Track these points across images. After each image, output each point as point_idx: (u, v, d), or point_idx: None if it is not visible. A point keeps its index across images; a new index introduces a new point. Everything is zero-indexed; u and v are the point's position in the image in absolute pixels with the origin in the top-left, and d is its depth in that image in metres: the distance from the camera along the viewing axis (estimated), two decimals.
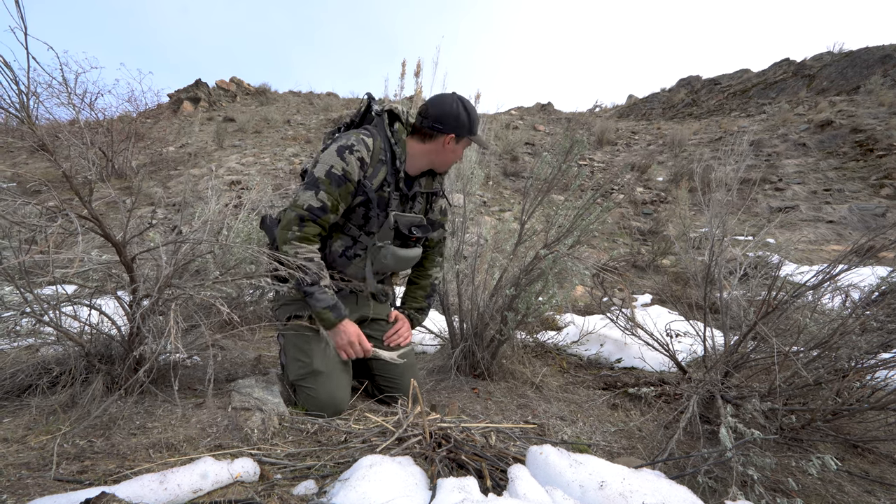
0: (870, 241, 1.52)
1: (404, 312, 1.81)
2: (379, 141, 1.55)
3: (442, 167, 1.65)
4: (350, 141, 1.49)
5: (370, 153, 1.51)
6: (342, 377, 1.53)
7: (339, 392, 1.49)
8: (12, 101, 1.03)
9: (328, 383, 1.47)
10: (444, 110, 1.54)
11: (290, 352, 1.54)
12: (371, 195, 1.52)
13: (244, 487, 0.94)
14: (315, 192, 1.45)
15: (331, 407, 1.45)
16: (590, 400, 1.83)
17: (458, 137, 1.57)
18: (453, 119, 1.54)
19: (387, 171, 1.55)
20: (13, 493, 0.84)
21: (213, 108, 12.01)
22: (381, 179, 1.54)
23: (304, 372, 1.48)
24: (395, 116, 1.62)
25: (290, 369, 1.52)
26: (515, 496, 0.85)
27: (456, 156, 1.62)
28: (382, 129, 1.58)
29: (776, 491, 1.18)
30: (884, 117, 7.77)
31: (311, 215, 1.45)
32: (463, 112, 1.55)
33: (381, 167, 1.54)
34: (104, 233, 1.19)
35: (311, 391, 1.46)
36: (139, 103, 7.81)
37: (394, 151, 1.56)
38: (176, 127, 10.09)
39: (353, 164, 1.47)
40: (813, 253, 4.89)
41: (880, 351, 1.42)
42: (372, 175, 1.53)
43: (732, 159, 2.87)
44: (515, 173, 8.01)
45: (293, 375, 1.51)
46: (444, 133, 1.55)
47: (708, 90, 13.95)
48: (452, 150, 1.59)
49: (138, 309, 1.22)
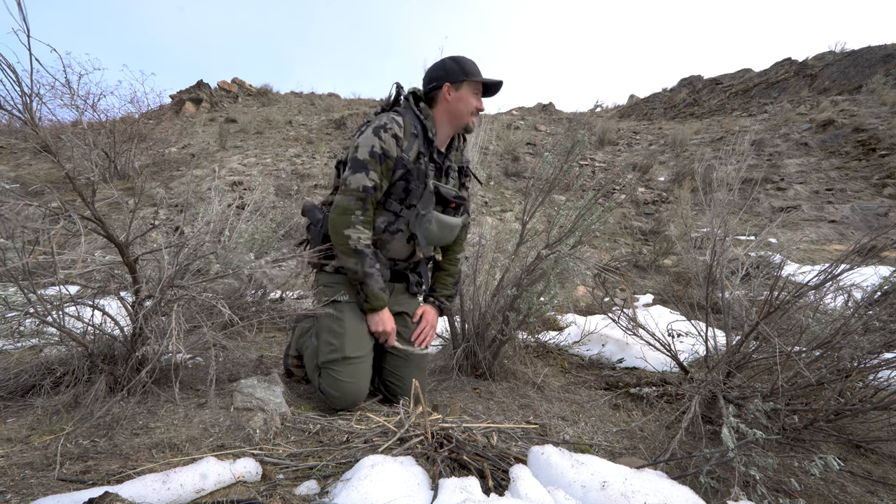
0: (872, 241, 1.52)
1: (434, 302, 1.83)
2: (409, 118, 1.61)
3: (460, 122, 1.67)
4: (383, 121, 1.56)
5: (402, 129, 1.58)
6: (367, 367, 1.59)
7: (363, 381, 1.54)
8: (15, 103, 1.04)
9: (355, 371, 1.52)
10: (432, 68, 1.67)
11: (324, 335, 1.58)
12: (410, 167, 1.58)
13: (246, 487, 0.94)
14: (365, 173, 1.52)
15: (352, 395, 1.50)
16: (591, 400, 1.83)
17: (454, 82, 1.62)
18: (441, 70, 1.64)
19: (420, 144, 1.61)
20: (17, 493, 0.84)
21: (214, 109, 12.03)
22: (417, 152, 1.61)
23: (335, 356, 1.52)
24: (418, 97, 1.70)
25: (321, 351, 1.56)
26: (517, 496, 0.85)
27: (465, 103, 1.64)
28: (410, 108, 1.65)
29: (778, 491, 1.18)
30: (886, 117, 7.75)
31: (368, 195, 1.53)
32: (449, 61, 1.64)
33: (414, 141, 1.61)
34: (107, 234, 1.19)
35: (339, 375, 1.49)
36: (141, 104, 7.84)
37: (424, 125, 1.63)
38: (178, 128, 10.11)
39: (389, 141, 1.54)
40: (815, 253, 4.88)
41: (883, 351, 1.42)
42: (407, 149, 1.59)
43: (734, 159, 2.87)
44: (517, 173, 8.01)
45: (323, 357, 1.54)
46: (440, 86, 1.63)
47: (709, 90, 13.92)
48: (458, 99, 1.63)
49: (141, 309, 1.22)
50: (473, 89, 1.64)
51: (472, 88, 1.64)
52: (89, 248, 1.26)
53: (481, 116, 10.22)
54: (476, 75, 1.63)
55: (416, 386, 1.13)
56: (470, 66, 1.64)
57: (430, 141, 1.63)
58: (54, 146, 1.06)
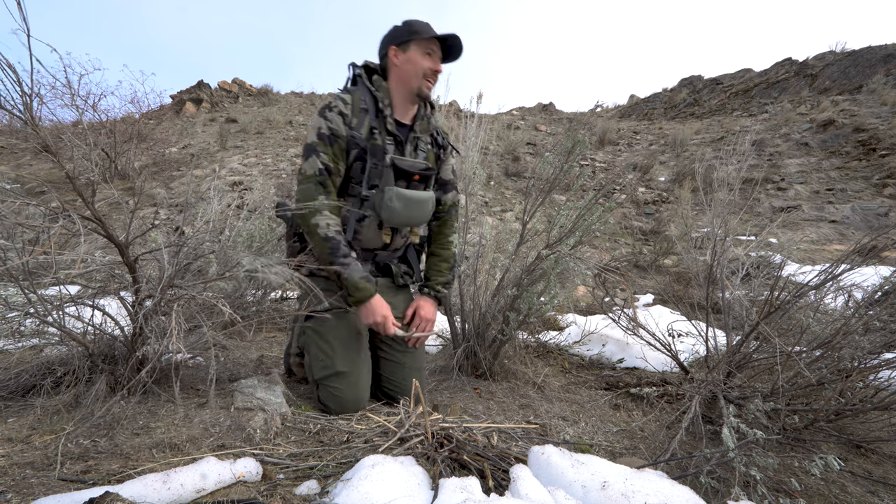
0: (872, 241, 1.52)
1: (429, 293, 1.70)
2: (358, 94, 1.52)
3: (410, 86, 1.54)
4: (328, 101, 1.50)
5: (349, 106, 1.50)
6: (364, 375, 1.54)
7: (362, 391, 1.51)
8: (16, 103, 1.04)
9: (352, 384, 1.48)
10: (383, 37, 1.57)
11: (313, 351, 1.53)
12: (364, 144, 1.50)
13: (247, 487, 0.94)
14: (316, 156, 1.45)
15: (353, 405, 1.47)
16: (592, 400, 1.83)
17: (400, 44, 1.52)
18: (388, 35, 1.55)
19: (370, 118, 1.52)
20: (18, 493, 0.85)
21: (215, 109, 12.04)
22: (369, 127, 1.51)
23: (328, 372, 1.48)
24: (371, 70, 1.61)
25: (313, 368, 1.52)
26: (517, 496, 0.85)
27: (412, 65, 1.51)
28: (363, 84, 1.56)
29: (779, 491, 1.18)
30: (886, 116, 7.74)
31: (325, 176, 1.45)
32: (397, 25, 1.54)
33: (364, 116, 1.51)
34: (107, 234, 1.19)
35: (336, 391, 1.46)
36: (142, 104, 7.85)
37: (374, 97, 1.54)
38: (178, 128, 10.11)
39: (335, 119, 1.47)
40: (815, 253, 4.88)
41: (883, 351, 1.42)
42: (358, 126, 1.50)
43: (734, 159, 2.87)
44: (517, 173, 8.01)
45: (317, 374, 1.51)
46: (387, 52, 1.54)
47: (710, 90, 13.92)
48: (406, 61, 1.52)
49: (141, 309, 1.22)
50: (423, 49, 1.51)
51: (422, 48, 1.50)
52: (89, 248, 1.26)
53: (483, 117, 10.17)
54: (423, 33, 1.49)
55: (417, 386, 1.13)
56: (418, 26, 1.51)
57: (381, 112, 1.52)
58: (55, 146, 1.06)
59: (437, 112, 1.75)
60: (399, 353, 1.66)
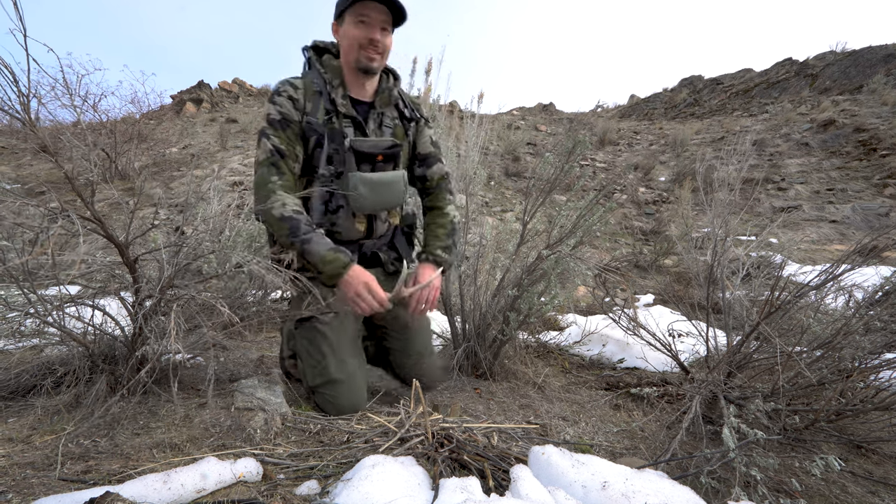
0: (873, 241, 1.52)
1: (428, 258, 1.57)
2: (310, 77, 1.46)
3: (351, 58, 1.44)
4: (277, 86, 1.43)
5: (299, 90, 1.43)
6: (360, 379, 1.49)
7: (359, 396, 1.47)
8: (13, 104, 1.04)
9: (347, 390, 1.44)
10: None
11: (305, 358, 1.49)
12: (321, 130, 1.42)
13: (247, 487, 0.94)
14: (267, 140, 1.38)
15: (350, 410, 1.44)
16: (592, 400, 1.82)
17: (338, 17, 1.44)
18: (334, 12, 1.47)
19: (325, 101, 1.44)
20: (18, 493, 0.84)
21: (215, 109, 12.04)
22: (324, 111, 1.44)
23: (321, 380, 1.44)
24: (321, 49, 1.52)
25: (307, 376, 1.49)
26: (518, 496, 0.85)
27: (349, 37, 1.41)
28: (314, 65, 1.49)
29: (779, 492, 1.18)
30: (887, 116, 7.74)
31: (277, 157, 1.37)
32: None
33: (318, 99, 1.44)
34: (107, 234, 1.19)
35: (332, 398, 1.43)
36: (142, 105, 7.85)
37: (323, 77, 1.46)
38: (179, 128, 10.12)
39: (284, 103, 1.40)
40: (816, 253, 4.87)
41: (884, 351, 1.42)
42: (313, 110, 1.42)
43: (735, 159, 2.87)
44: (517, 173, 8.01)
45: (311, 382, 1.47)
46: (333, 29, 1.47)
47: (710, 90, 13.92)
48: (343, 35, 1.43)
49: (141, 309, 1.23)
50: (356, 17, 1.39)
51: (354, 17, 1.40)
52: (89, 248, 1.26)
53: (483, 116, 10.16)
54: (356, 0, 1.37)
55: (417, 386, 1.13)
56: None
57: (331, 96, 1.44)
58: (53, 147, 1.06)
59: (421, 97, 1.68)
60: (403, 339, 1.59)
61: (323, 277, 1.35)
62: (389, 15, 1.42)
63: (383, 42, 1.44)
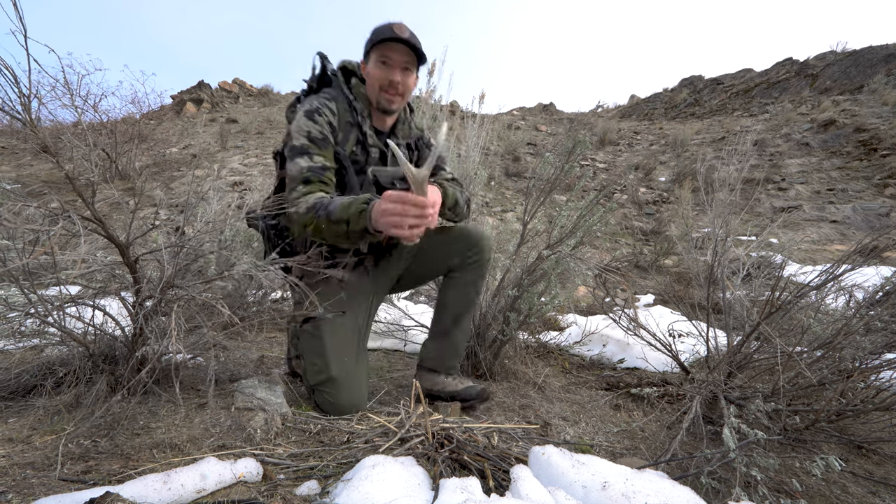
0: (874, 241, 1.52)
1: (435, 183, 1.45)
2: (342, 102, 1.45)
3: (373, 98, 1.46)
4: (316, 104, 1.41)
5: (336, 117, 1.42)
6: (360, 378, 1.50)
7: (358, 395, 1.47)
8: (13, 105, 1.04)
9: (348, 389, 1.44)
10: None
11: (307, 356, 1.50)
12: (346, 162, 1.42)
13: (247, 488, 0.94)
14: (309, 157, 1.36)
15: (350, 409, 1.44)
16: (592, 400, 1.82)
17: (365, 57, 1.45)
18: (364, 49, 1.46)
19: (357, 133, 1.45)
20: (18, 493, 0.85)
21: (215, 110, 12.05)
22: (353, 144, 1.45)
23: (322, 378, 1.44)
24: (349, 72, 1.51)
25: (308, 374, 1.49)
26: (518, 496, 0.85)
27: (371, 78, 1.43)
28: (339, 88, 1.48)
29: (780, 492, 1.18)
30: (887, 116, 7.74)
31: (314, 174, 1.34)
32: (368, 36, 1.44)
33: (349, 130, 1.44)
34: (107, 234, 1.19)
35: (331, 396, 1.43)
36: (142, 105, 7.86)
37: (355, 109, 1.46)
38: (179, 128, 10.13)
39: (324, 126, 1.40)
40: (816, 253, 4.87)
41: (885, 351, 1.42)
42: (343, 141, 1.43)
43: (735, 159, 2.87)
44: (517, 174, 8.01)
45: (311, 380, 1.47)
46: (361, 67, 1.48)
47: (710, 90, 13.91)
48: (368, 74, 1.44)
49: (141, 310, 1.23)
50: (378, 58, 1.40)
51: (377, 57, 1.40)
52: (90, 248, 1.26)
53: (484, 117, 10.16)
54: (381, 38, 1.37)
55: (417, 386, 1.13)
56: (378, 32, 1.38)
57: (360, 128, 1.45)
58: (54, 147, 1.06)
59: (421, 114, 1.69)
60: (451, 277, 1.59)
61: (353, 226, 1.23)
62: (412, 55, 1.42)
63: (404, 83, 1.44)
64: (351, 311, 1.53)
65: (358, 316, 1.57)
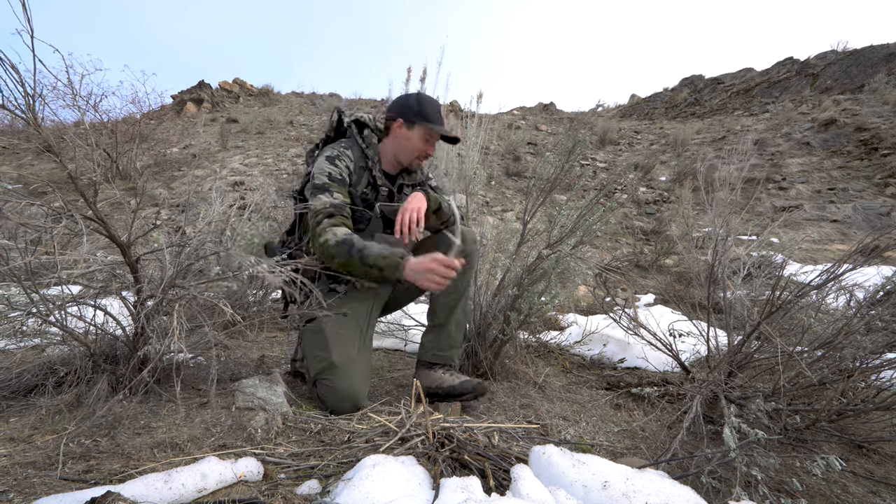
0: (875, 241, 1.51)
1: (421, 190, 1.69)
2: (356, 150, 1.67)
3: (403, 157, 1.69)
4: (336, 151, 1.62)
5: (353, 163, 1.64)
6: (361, 369, 1.55)
7: (358, 383, 1.48)
8: (18, 104, 1.04)
9: (347, 376, 1.48)
10: (397, 101, 1.69)
11: (309, 349, 1.56)
12: (356, 200, 1.65)
13: (248, 487, 0.94)
14: (330, 194, 1.54)
15: (349, 399, 1.45)
16: (593, 400, 1.82)
17: (407, 122, 1.63)
18: (401, 105, 1.66)
19: (367, 176, 1.67)
20: (20, 492, 0.85)
21: (216, 110, 12.05)
22: (364, 185, 1.67)
23: (323, 366, 1.49)
24: (361, 124, 1.73)
25: (310, 366, 1.54)
26: (518, 496, 0.85)
27: (411, 144, 1.65)
28: (353, 138, 1.70)
29: (780, 491, 1.18)
30: (888, 116, 7.73)
31: (336, 209, 1.53)
32: (413, 100, 1.65)
33: (363, 174, 1.67)
34: (109, 234, 1.20)
35: (330, 383, 1.46)
36: (143, 105, 7.86)
37: (367, 155, 1.68)
38: (179, 128, 10.13)
39: (343, 170, 1.60)
40: (817, 252, 4.87)
41: (885, 351, 1.42)
42: (356, 182, 1.65)
43: (736, 158, 2.87)
44: (518, 173, 8.01)
45: (313, 371, 1.52)
46: (394, 120, 1.65)
47: (711, 89, 13.90)
48: (406, 137, 1.65)
49: (143, 309, 1.23)
50: (425, 134, 1.64)
51: (424, 133, 1.63)
52: (91, 247, 1.26)
53: (483, 116, 10.17)
54: (430, 121, 1.62)
55: (417, 385, 1.13)
56: (428, 110, 1.63)
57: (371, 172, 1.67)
58: (57, 146, 1.07)
59: None
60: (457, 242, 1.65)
61: (386, 273, 1.43)
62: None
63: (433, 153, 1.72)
64: (352, 311, 1.61)
65: (359, 317, 1.64)
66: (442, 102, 3.33)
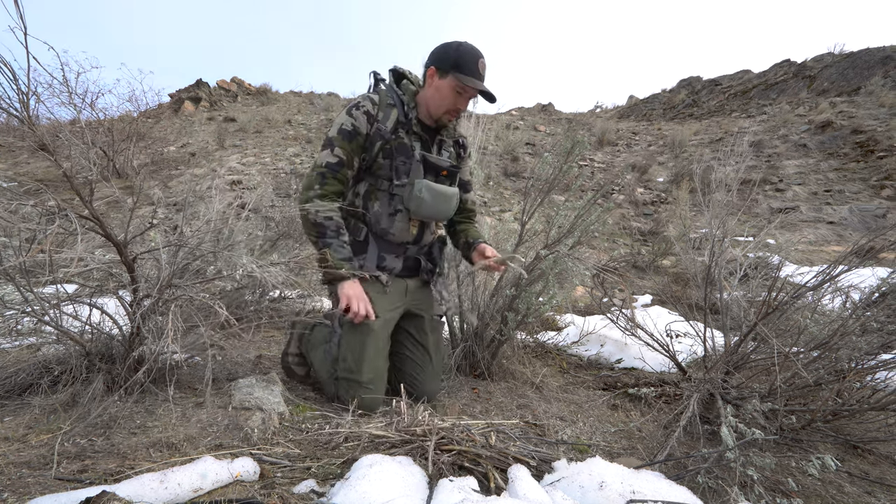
0: (870, 242, 1.52)
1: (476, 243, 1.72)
2: (385, 94, 1.59)
3: (433, 109, 1.59)
4: (356, 101, 1.57)
5: (376, 105, 1.55)
6: (384, 382, 1.56)
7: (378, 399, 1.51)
8: (12, 102, 1.03)
9: (374, 391, 1.49)
10: (436, 48, 1.57)
11: (344, 349, 1.52)
12: (388, 137, 1.55)
13: (244, 487, 0.94)
14: (331, 150, 1.53)
15: (369, 409, 1.48)
16: (590, 400, 1.83)
17: (440, 70, 1.53)
18: (438, 52, 1.55)
19: (398, 113, 1.57)
20: (14, 492, 0.84)
21: (214, 108, 12.01)
22: (395, 121, 1.56)
23: (351, 377, 1.49)
24: (399, 74, 1.66)
25: (340, 363, 1.52)
26: (515, 496, 0.85)
27: (441, 95, 1.54)
28: (389, 86, 1.64)
29: (776, 491, 1.18)
30: (884, 118, 7.77)
31: (330, 171, 1.53)
32: (452, 48, 1.53)
33: (391, 110, 1.57)
34: (105, 232, 1.19)
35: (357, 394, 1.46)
36: (140, 103, 7.82)
37: (401, 98, 1.59)
38: (177, 127, 10.09)
39: (360, 118, 1.53)
40: (813, 254, 4.89)
41: (880, 352, 1.42)
42: (384, 119, 1.56)
43: (733, 160, 2.88)
44: (516, 173, 8.01)
45: (342, 373, 1.51)
46: (429, 67, 1.56)
47: (708, 91, 13.94)
48: (436, 88, 1.55)
49: (139, 309, 1.22)
50: (457, 86, 1.52)
51: (456, 85, 1.51)
52: (87, 246, 1.25)
53: (482, 116, 10.21)
54: (465, 72, 1.50)
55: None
56: (464, 59, 1.50)
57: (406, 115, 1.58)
58: (52, 145, 1.06)
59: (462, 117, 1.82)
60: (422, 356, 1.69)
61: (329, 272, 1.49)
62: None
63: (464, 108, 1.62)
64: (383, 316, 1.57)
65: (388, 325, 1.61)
66: None
